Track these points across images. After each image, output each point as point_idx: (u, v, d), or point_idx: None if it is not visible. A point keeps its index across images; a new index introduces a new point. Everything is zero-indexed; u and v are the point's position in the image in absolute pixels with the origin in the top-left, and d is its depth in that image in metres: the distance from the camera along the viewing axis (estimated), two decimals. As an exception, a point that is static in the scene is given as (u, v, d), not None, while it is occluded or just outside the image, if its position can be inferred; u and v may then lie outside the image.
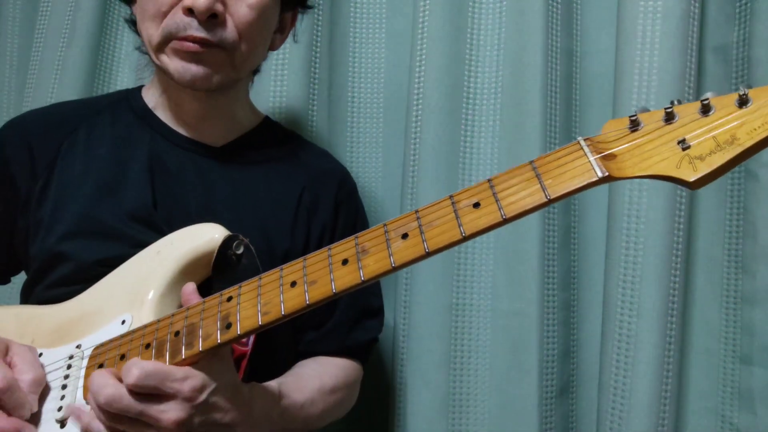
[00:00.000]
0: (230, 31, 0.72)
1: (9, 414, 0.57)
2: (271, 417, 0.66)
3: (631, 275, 0.90)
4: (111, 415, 0.54)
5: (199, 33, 0.70)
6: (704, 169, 0.45)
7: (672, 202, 0.90)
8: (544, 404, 0.98)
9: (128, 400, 0.53)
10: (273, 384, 0.69)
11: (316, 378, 0.76)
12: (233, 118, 0.83)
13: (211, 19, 0.70)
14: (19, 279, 0.90)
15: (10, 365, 0.61)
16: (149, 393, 0.54)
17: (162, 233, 0.70)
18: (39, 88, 1.20)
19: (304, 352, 0.82)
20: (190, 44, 0.71)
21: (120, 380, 0.55)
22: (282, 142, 0.88)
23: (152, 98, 0.82)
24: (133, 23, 0.79)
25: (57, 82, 1.18)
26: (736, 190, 0.94)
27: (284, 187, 0.82)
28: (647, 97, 0.90)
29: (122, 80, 1.23)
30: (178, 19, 0.70)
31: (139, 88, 0.86)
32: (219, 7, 0.70)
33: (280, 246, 0.78)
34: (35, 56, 1.24)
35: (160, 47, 0.73)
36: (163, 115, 0.81)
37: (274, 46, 0.84)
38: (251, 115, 0.88)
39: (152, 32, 0.73)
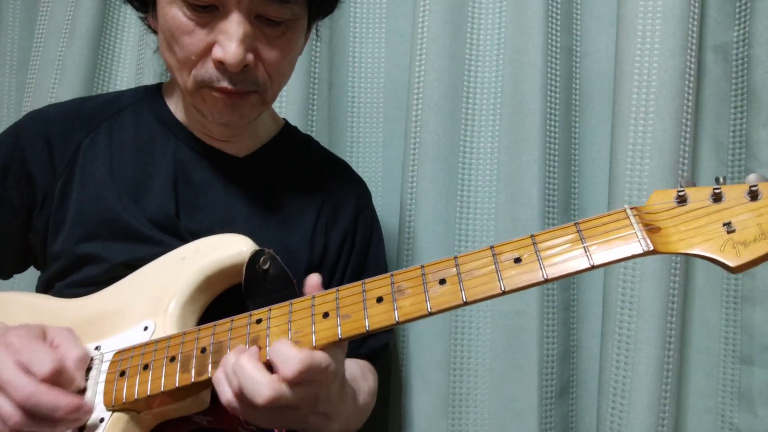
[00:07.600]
0: (261, 73, 0.70)
1: None
2: (343, 399, 0.64)
3: (631, 275, 0.90)
4: (265, 408, 0.53)
5: (232, 86, 0.69)
6: (747, 257, 0.45)
7: (672, 201, 0.90)
8: (544, 404, 0.98)
9: (289, 395, 0.52)
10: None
11: (358, 368, 0.77)
12: (257, 129, 0.84)
13: (243, 68, 0.68)
14: (20, 276, 0.90)
15: (52, 345, 0.61)
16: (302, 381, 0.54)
17: (186, 241, 0.70)
18: (39, 88, 1.20)
19: None
20: (224, 96, 0.69)
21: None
22: (301, 151, 0.88)
23: (175, 106, 0.81)
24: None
25: (57, 82, 1.18)
26: (737, 189, 0.94)
27: (304, 201, 0.82)
28: (647, 97, 0.90)
29: (122, 80, 1.23)
30: (210, 69, 0.68)
31: (159, 88, 0.84)
32: (250, 57, 0.68)
33: (299, 259, 0.79)
34: (35, 56, 1.24)
35: (192, 93, 0.71)
36: (187, 124, 0.80)
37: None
38: (272, 123, 0.87)
39: (184, 78, 0.70)
